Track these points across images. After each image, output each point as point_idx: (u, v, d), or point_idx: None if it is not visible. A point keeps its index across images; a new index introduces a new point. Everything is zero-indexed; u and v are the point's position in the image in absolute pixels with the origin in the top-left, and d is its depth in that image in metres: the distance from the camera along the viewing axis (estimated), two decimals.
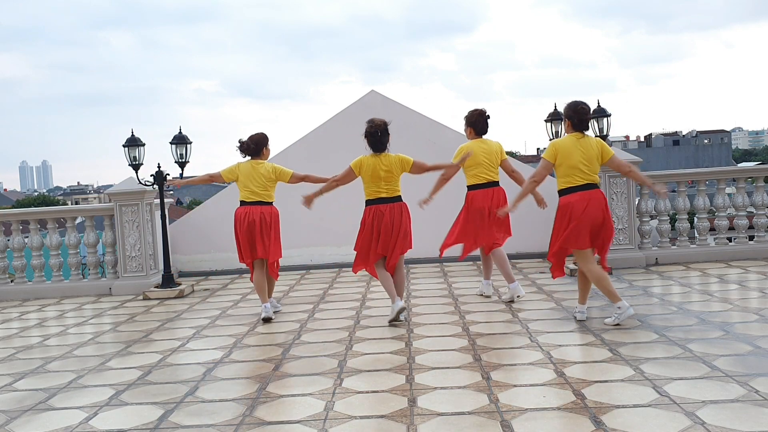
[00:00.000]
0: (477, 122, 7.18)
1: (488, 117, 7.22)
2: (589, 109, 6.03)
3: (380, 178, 6.35)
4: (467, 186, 7.15)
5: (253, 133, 7.15)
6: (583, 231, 5.85)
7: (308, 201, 6.62)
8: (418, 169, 6.48)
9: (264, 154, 7.09)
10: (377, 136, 6.36)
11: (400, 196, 6.48)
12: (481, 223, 7.06)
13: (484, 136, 7.21)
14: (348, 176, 6.52)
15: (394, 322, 6.43)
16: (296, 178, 7.07)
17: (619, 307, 5.88)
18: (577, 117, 5.94)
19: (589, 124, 6.06)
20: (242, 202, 6.99)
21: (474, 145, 7.09)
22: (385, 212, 6.38)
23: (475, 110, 7.23)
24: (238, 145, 7.05)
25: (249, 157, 7.06)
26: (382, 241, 6.40)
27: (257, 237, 6.89)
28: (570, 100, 6.07)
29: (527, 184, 6.26)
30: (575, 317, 6.19)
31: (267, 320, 6.88)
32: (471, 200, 7.11)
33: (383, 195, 6.40)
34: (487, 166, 7.06)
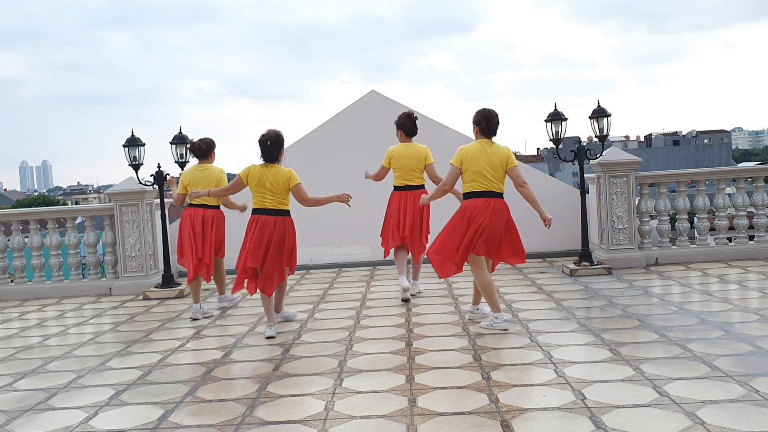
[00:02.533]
0: (404, 124, 7.43)
1: (415, 119, 7.46)
2: (496, 115, 6.07)
3: (266, 189, 6.20)
4: (393, 186, 7.49)
5: (204, 137, 7.59)
6: (480, 238, 5.90)
7: (188, 197, 6.94)
8: (297, 193, 6.29)
9: (211, 158, 7.51)
10: (266, 145, 6.24)
11: (287, 210, 6.28)
12: (398, 223, 7.34)
13: (413, 139, 7.48)
14: (236, 185, 6.42)
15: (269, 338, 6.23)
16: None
17: (496, 317, 5.99)
18: (485, 122, 6.04)
19: (497, 130, 6.08)
20: (191, 205, 7.35)
21: (400, 148, 7.39)
22: (270, 224, 6.19)
23: (403, 113, 7.55)
24: (189, 146, 7.50)
25: (197, 160, 7.50)
26: (262, 253, 6.18)
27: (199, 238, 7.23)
28: (480, 108, 6.24)
29: (436, 190, 6.37)
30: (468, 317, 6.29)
31: (195, 319, 7.25)
32: (389, 201, 7.48)
33: (268, 206, 6.21)
34: (407, 171, 7.33)
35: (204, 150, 7.43)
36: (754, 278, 7.78)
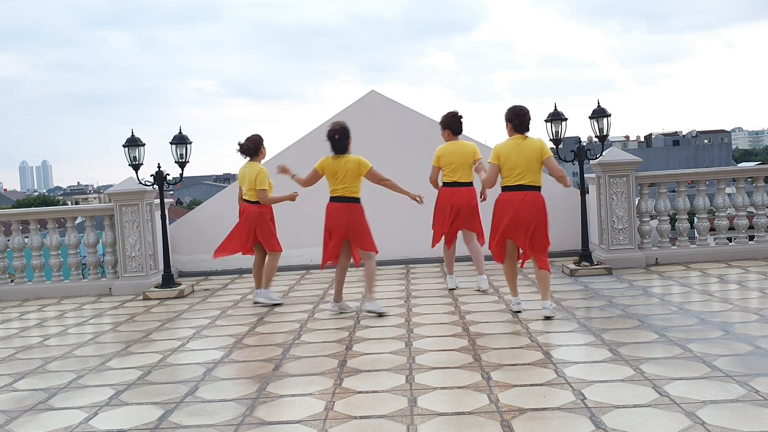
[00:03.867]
0: (451, 124, 7.67)
1: (461, 117, 7.69)
2: (528, 111, 6.37)
3: (338, 179, 6.72)
4: (442, 183, 7.69)
5: (250, 134, 7.86)
6: (509, 227, 6.23)
7: (283, 170, 7.15)
8: (373, 177, 6.79)
9: (261, 154, 7.85)
10: (334, 139, 6.72)
11: (355, 198, 6.76)
12: (445, 218, 7.60)
13: (459, 137, 7.73)
14: (313, 177, 6.93)
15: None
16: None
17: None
18: (518, 119, 6.33)
19: (530, 125, 6.38)
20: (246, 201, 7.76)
21: (448, 146, 7.62)
22: (339, 211, 6.74)
23: (449, 113, 7.72)
24: (238, 147, 7.76)
25: (248, 158, 7.81)
26: (336, 237, 6.79)
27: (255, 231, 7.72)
28: (511, 105, 6.49)
29: (483, 187, 7.19)
30: (511, 309, 6.57)
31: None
32: (438, 197, 7.68)
33: (339, 194, 6.76)
34: (455, 167, 7.52)
35: (252, 149, 7.77)
36: (754, 278, 7.78)
